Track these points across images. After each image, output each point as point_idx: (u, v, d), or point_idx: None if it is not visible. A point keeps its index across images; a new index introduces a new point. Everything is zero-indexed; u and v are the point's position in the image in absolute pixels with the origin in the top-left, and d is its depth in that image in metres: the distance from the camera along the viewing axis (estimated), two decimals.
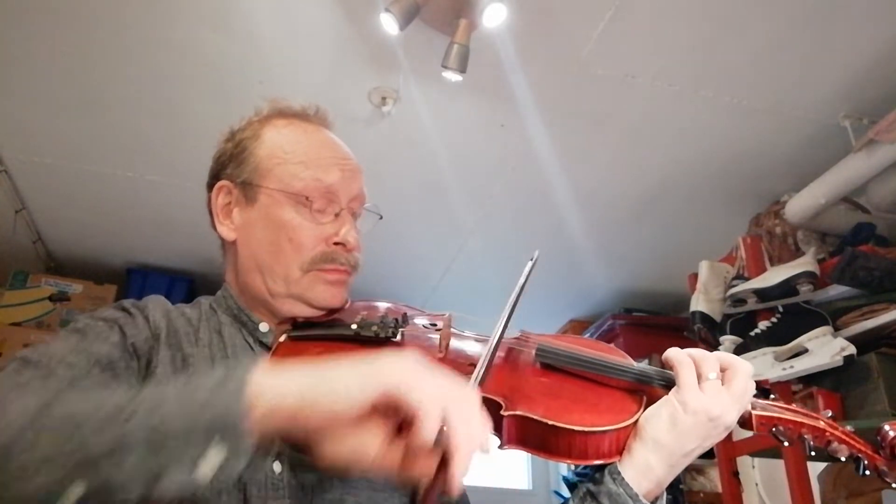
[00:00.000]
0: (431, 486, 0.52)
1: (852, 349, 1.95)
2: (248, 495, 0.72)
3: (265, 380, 0.53)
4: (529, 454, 0.74)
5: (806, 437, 0.74)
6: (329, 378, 0.53)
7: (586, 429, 0.71)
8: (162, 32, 1.93)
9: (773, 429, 0.74)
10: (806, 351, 2.05)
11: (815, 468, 2.18)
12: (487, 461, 3.68)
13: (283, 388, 0.53)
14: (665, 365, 0.77)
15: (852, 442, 0.74)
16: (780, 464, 2.05)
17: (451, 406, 0.51)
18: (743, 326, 2.29)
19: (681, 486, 2.95)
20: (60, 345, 0.72)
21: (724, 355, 0.76)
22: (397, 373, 0.52)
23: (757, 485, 2.63)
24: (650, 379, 0.78)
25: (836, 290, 2.12)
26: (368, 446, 0.52)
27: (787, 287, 2.15)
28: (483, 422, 0.54)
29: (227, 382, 0.53)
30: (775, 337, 2.14)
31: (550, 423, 0.70)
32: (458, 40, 1.76)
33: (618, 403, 0.76)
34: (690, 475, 3.08)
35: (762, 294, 2.22)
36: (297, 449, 0.72)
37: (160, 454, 0.50)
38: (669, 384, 0.76)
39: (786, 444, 0.74)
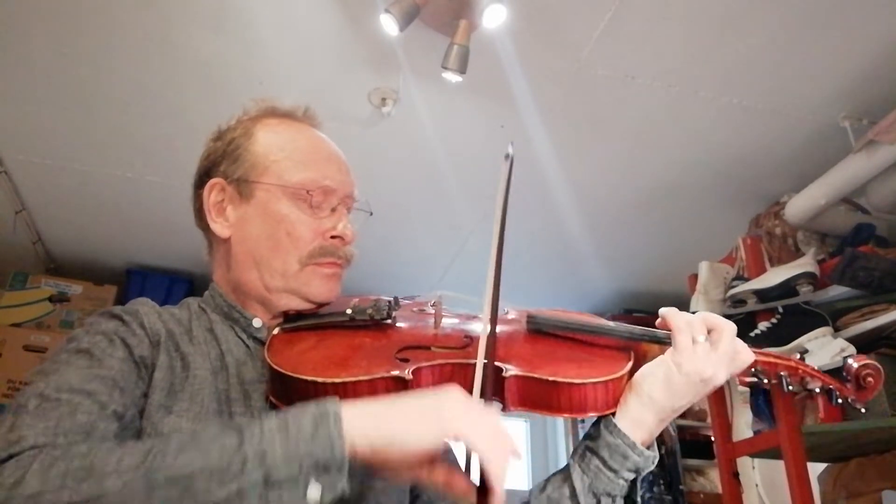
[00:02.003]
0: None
1: (852, 350, 1.95)
2: None
3: (348, 422, 0.61)
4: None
5: (783, 374, 0.82)
6: (398, 427, 0.62)
7: (583, 381, 0.75)
8: (162, 34, 1.93)
9: (753, 370, 0.81)
10: (806, 351, 2.05)
11: (816, 469, 2.18)
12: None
13: (362, 431, 0.61)
14: (660, 321, 0.81)
15: (822, 377, 0.83)
16: (780, 464, 2.05)
17: (491, 443, 0.61)
18: (743, 327, 2.28)
19: (681, 487, 2.95)
20: (72, 372, 0.71)
21: (708, 316, 0.80)
22: (457, 421, 0.62)
23: (757, 485, 2.63)
24: (636, 336, 0.83)
25: (836, 291, 2.13)
26: (422, 472, 0.63)
27: (787, 288, 2.15)
28: (512, 443, 0.64)
29: (322, 426, 0.61)
30: (775, 337, 2.14)
31: (550, 378, 0.74)
32: (458, 41, 1.76)
33: (608, 359, 0.81)
34: (690, 476, 3.08)
35: (762, 295, 2.22)
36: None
37: (273, 491, 0.57)
38: (654, 340, 0.81)
39: (765, 381, 0.82)
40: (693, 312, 2.52)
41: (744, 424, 2.50)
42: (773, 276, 2.20)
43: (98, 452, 0.59)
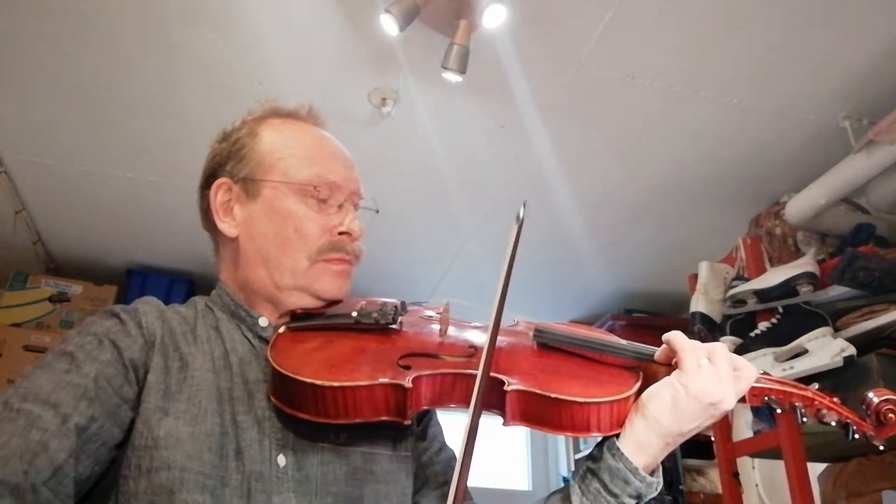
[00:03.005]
0: None
1: (852, 350, 1.95)
2: (252, 489, 0.72)
3: None
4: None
5: (797, 405, 0.78)
6: None
7: (587, 400, 0.73)
8: (162, 33, 1.93)
9: (766, 398, 0.78)
10: (806, 352, 2.05)
11: (816, 469, 2.18)
12: (487, 461, 3.67)
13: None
14: (664, 347, 0.79)
15: (840, 409, 0.78)
16: (780, 464, 2.05)
17: None
18: (743, 327, 2.29)
19: (681, 487, 2.95)
20: (46, 378, 0.71)
21: (696, 343, 0.78)
22: None
23: (757, 485, 2.63)
24: (646, 356, 0.80)
25: (836, 291, 2.12)
26: None
27: (787, 288, 2.15)
28: None
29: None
30: (775, 338, 2.14)
31: (552, 395, 0.72)
32: (458, 41, 1.76)
33: (615, 378, 0.78)
34: (690, 476, 3.08)
35: (762, 295, 2.22)
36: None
37: None
38: (666, 361, 0.78)
39: (778, 410, 0.78)
40: (693, 312, 2.51)
41: (744, 424, 2.50)
42: (773, 276, 2.20)
43: None
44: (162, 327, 0.81)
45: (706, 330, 2.38)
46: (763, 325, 2.21)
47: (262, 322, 0.86)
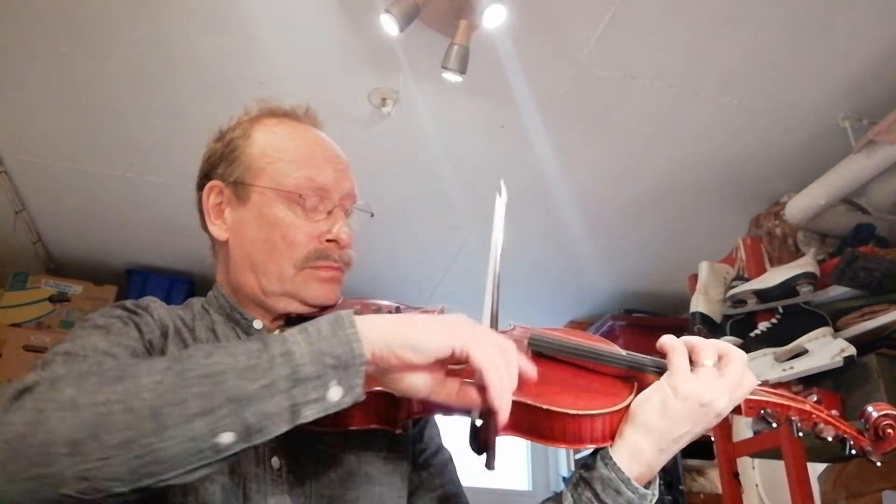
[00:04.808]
0: (486, 424, 0.66)
1: (852, 350, 1.95)
2: (248, 491, 0.72)
3: (363, 324, 0.62)
4: (527, 441, 0.75)
5: (793, 418, 0.77)
6: (410, 331, 0.63)
7: (579, 412, 0.71)
8: (162, 34, 1.93)
9: (762, 411, 0.76)
10: (806, 352, 2.05)
11: (816, 469, 2.18)
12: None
13: (378, 333, 0.62)
14: (659, 351, 0.78)
15: (837, 424, 0.77)
16: (780, 464, 2.05)
17: (495, 358, 0.64)
18: (743, 327, 2.29)
19: (681, 488, 2.95)
20: (94, 339, 0.72)
21: (721, 344, 0.76)
22: (465, 333, 0.64)
23: (757, 486, 2.63)
24: (642, 366, 0.79)
25: (836, 291, 2.13)
26: (426, 384, 0.65)
27: (787, 288, 2.15)
28: (518, 364, 0.67)
29: (339, 328, 0.62)
30: (775, 338, 2.14)
31: (544, 407, 0.71)
32: (458, 41, 1.76)
33: (610, 389, 0.77)
34: (690, 476, 3.08)
35: (762, 295, 2.22)
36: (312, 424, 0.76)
37: (299, 388, 0.58)
38: (662, 370, 0.77)
39: (774, 425, 0.76)
40: (693, 313, 2.50)
41: (744, 424, 2.50)
42: (773, 276, 2.20)
43: (129, 363, 0.62)
44: (172, 323, 0.83)
45: (706, 330, 2.39)
46: (763, 326, 2.21)
47: (257, 325, 0.86)
